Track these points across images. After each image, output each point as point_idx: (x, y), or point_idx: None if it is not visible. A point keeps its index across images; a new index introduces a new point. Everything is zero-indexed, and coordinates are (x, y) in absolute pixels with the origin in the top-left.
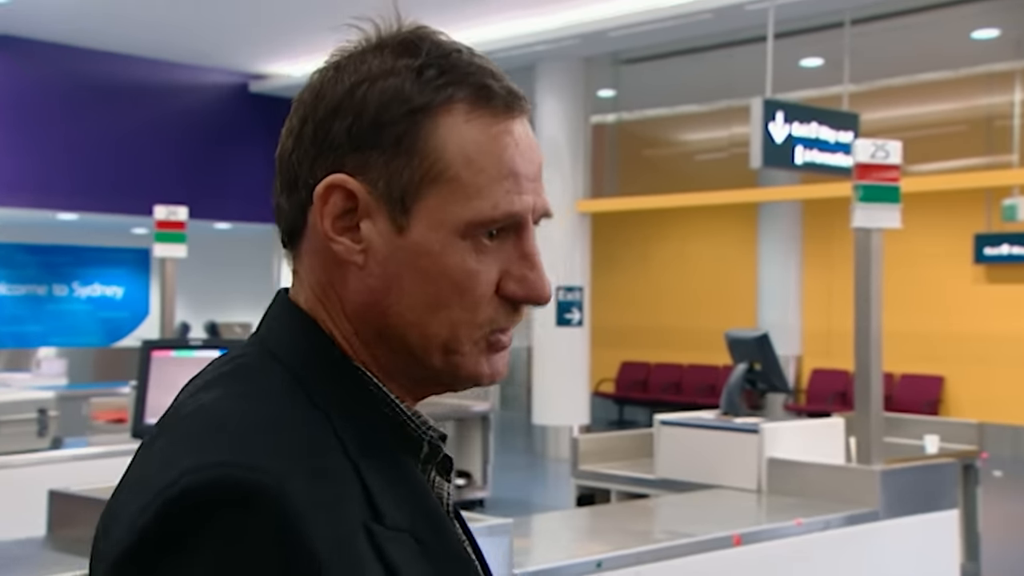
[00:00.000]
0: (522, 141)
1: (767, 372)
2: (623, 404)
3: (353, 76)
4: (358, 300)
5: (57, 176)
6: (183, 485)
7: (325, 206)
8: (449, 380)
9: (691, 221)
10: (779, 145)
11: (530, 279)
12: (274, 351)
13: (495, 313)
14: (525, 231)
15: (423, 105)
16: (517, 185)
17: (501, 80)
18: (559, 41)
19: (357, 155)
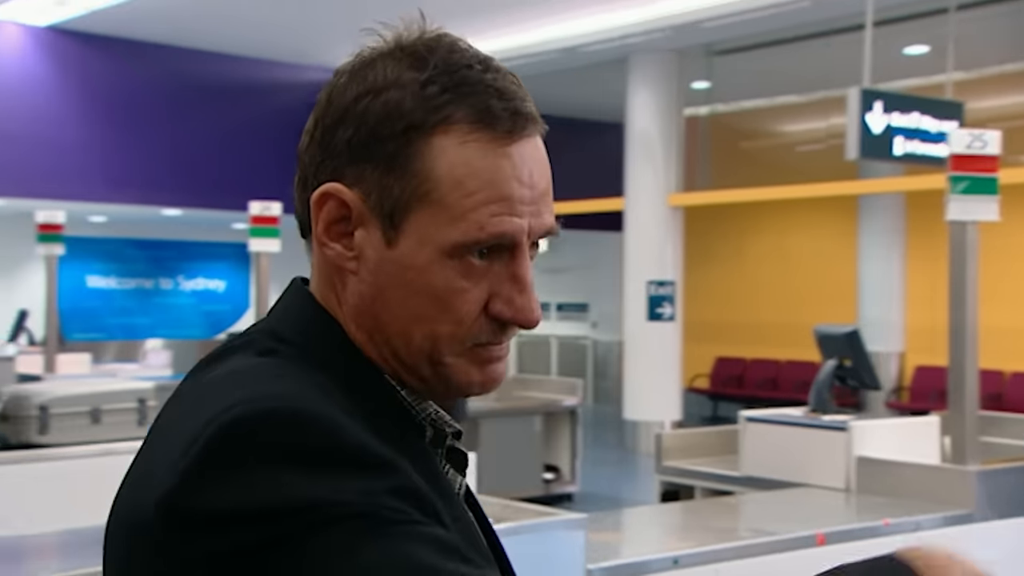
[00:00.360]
0: (522, 164)
1: (857, 368)
2: (718, 400)
3: (360, 85)
4: (352, 303)
5: (162, 173)
6: (237, 413)
7: (320, 212)
8: (440, 387)
9: (789, 214)
10: (877, 136)
11: (518, 302)
12: (280, 333)
13: (480, 330)
14: (518, 253)
15: (419, 123)
16: (509, 208)
17: (509, 100)
18: (651, 33)
19: (354, 166)
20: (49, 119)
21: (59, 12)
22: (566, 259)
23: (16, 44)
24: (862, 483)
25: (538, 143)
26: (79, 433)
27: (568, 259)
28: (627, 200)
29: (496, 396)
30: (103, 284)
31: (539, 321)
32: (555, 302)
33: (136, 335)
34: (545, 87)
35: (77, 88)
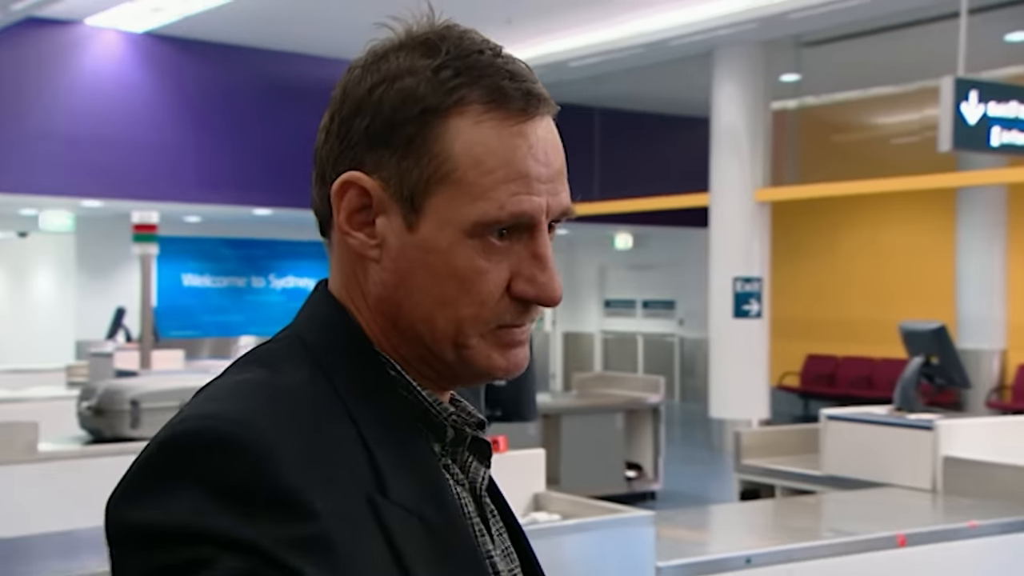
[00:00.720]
0: (537, 143)
1: (945, 366)
2: (808, 399)
3: (374, 76)
4: (375, 293)
5: (254, 174)
6: (175, 430)
7: (341, 201)
8: (464, 372)
9: (883, 208)
10: (972, 126)
11: (540, 280)
12: (303, 337)
13: (504, 311)
14: (537, 232)
15: (435, 106)
16: (527, 186)
17: (520, 81)
18: (738, 25)
19: (373, 153)
20: (145, 123)
21: (155, 19)
22: (652, 256)
23: (115, 51)
24: (949, 484)
25: (550, 123)
26: None
27: (654, 256)
28: (713, 195)
29: (578, 393)
30: (198, 283)
31: (561, 299)
32: (641, 299)
33: (229, 332)
34: (630, 82)
35: (172, 92)
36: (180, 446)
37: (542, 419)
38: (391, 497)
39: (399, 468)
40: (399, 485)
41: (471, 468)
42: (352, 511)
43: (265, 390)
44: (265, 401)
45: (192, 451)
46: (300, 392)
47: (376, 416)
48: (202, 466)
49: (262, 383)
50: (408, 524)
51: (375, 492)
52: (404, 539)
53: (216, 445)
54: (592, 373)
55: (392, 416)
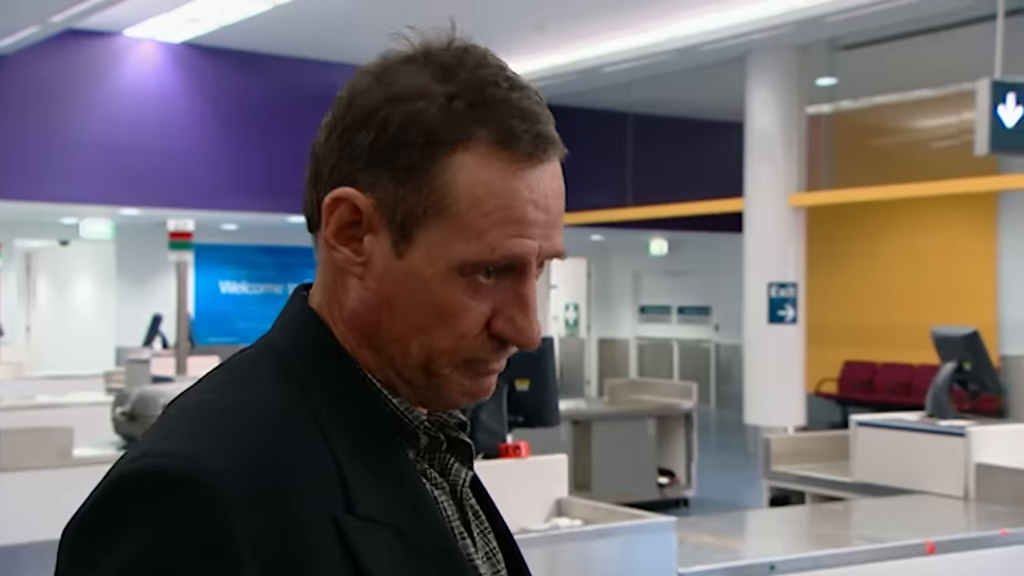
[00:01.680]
0: (538, 188)
1: (978, 372)
2: (846, 405)
3: (385, 90)
4: (352, 308)
5: (288, 181)
6: (127, 469)
7: (331, 215)
8: (432, 398)
9: (922, 212)
10: (1010, 129)
11: (519, 323)
12: (277, 346)
13: (480, 347)
14: (526, 273)
15: (442, 138)
16: (522, 231)
17: (532, 122)
18: (773, 29)
19: (371, 172)
20: (182, 132)
21: (192, 29)
22: (687, 262)
23: (152, 61)
24: (981, 491)
25: (556, 168)
26: None
27: (689, 262)
28: (747, 201)
29: (609, 399)
30: (235, 290)
31: (538, 343)
32: (676, 305)
33: None
34: (663, 88)
35: (208, 101)
36: (133, 486)
37: (573, 425)
38: (359, 513)
39: (371, 481)
40: (369, 499)
41: (452, 470)
42: (301, 533)
43: (225, 415)
44: (223, 431)
45: (144, 494)
46: (268, 412)
47: (349, 429)
48: (153, 511)
49: (230, 404)
50: (378, 538)
51: (341, 511)
52: (373, 555)
53: (169, 488)
54: (625, 379)
55: (365, 426)
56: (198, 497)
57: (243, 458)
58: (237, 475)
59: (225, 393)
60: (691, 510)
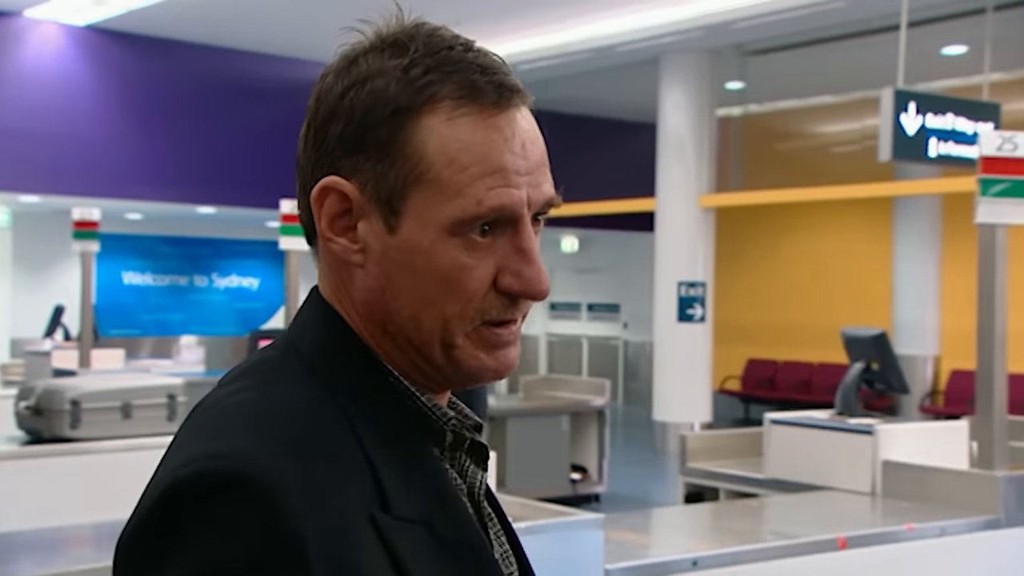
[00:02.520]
0: (513, 135)
1: (885, 372)
2: (749, 402)
3: (345, 80)
4: (361, 298)
5: (197, 171)
6: (181, 475)
7: (321, 208)
8: (454, 375)
9: (823, 216)
10: (911, 137)
11: (526, 274)
12: (297, 345)
13: (490, 306)
14: (520, 225)
15: (405, 106)
16: (505, 180)
17: (492, 74)
18: (684, 33)
19: (349, 159)
20: (86, 117)
21: (97, 12)
22: (597, 259)
23: (55, 43)
24: (888, 487)
25: (527, 114)
26: (110, 428)
27: (600, 259)
28: (658, 201)
29: (523, 396)
30: (139, 281)
31: (548, 292)
32: (586, 302)
33: (170, 331)
34: (577, 87)
35: (114, 87)
36: (191, 489)
37: (488, 421)
38: (393, 512)
39: (402, 479)
40: (402, 497)
41: (468, 472)
42: (347, 532)
43: (267, 414)
44: (269, 429)
45: (204, 496)
46: (301, 412)
47: (377, 426)
48: (214, 514)
49: (262, 405)
50: (412, 536)
51: (377, 509)
52: (408, 552)
53: (229, 489)
54: (539, 376)
55: (393, 424)
56: (259, 497)
57: (294, 458)
58: (293, 474)
59: (261, 394)
60: (602, 506)
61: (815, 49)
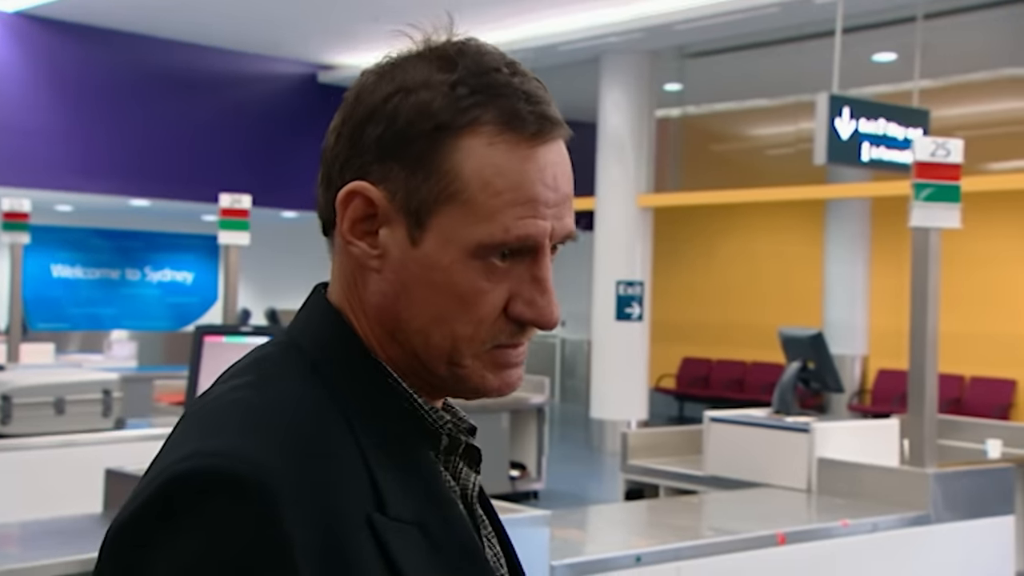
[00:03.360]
0: (547, 168)
1: (821, 371)
2: (684, 400)
3: (391, 85)
4: (373, 302)
5: (131, 163)
6: (178, 470)
7: (346, 210)
8: (456, 388)
9: (757, 217)
10: (845, 141)
11: (539, 304)
12: (299, 343)
13: (499, 331)
14: (540, 255)
15: (448, 123)
16: (534, 210)
17: (536, 104)
18: (625, 34)
19: (382, 164)
20: (16, 106)
21: None
22: None
23: None
24: (822, 484)
25: (562, 147)
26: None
27: None
28: (597, 200)
29: None
30: (68, 274)
31: (558, 322)
32: None
33: (101, 326)
34: None
35: (46, 75)
36: (187, 485)
37: None
38: (390, 514)
39: (398, 481)
40: (398, 499)
41: (462, 474)
42: (344, 534)
43: (267, 413)
44: (268, 428)
45: (200, 493)
46: (301, 412)
47: (375, 427)
48: (208, 512)
49: (263, 404)
50: (408, 537)
51: (373, 510)
52: (403, 553)
53: (224, 487)
54: None
55: (391, 426)
56: (253, 498)
57: (291, 456)
58: (288, 473)
59: (261, 391)
60: (540, 503)
61: (751, 53)
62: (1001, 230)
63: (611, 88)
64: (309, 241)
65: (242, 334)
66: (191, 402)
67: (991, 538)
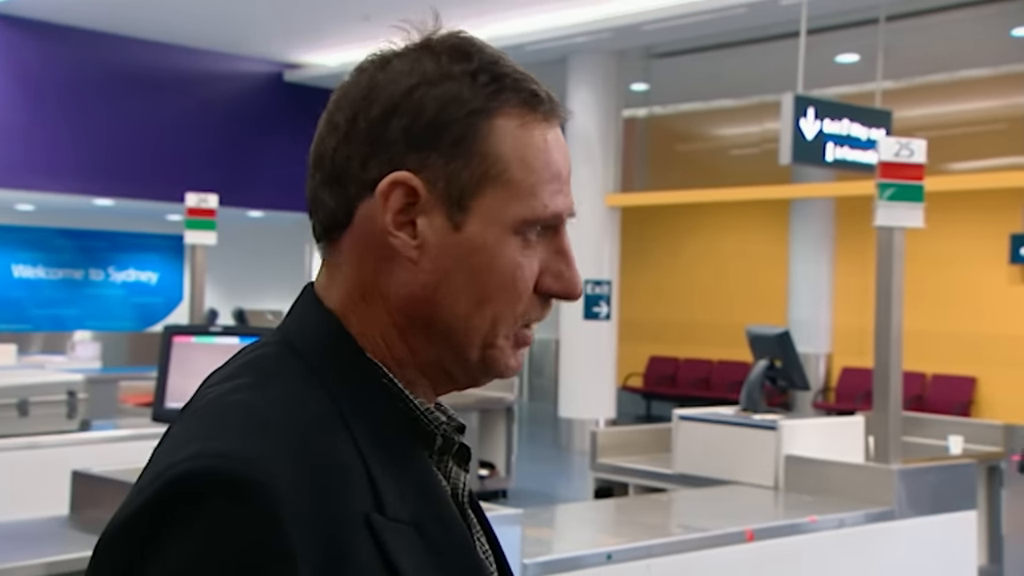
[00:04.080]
0: (561, 145)
1: (788, 369)
2: (651, 399)
3: (410, 78)
4: (405, 293)
5: (95, 162)
6: (180, 471)
7: (387, 201)
8: (479, 373)
9: (723, 217)
10: (809, 141)
11: (566, 275)
12: (294, 344)
13: (530, 307)
14: (562, 229)
15: (481, 109)
16: (561, 186)
17: (542, 87)
18: (592, 34)
19: (415, 154)
20: None
21: None
22: None
23: None
24: (790, 481)
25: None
26: (6, 425)
27: None
28: None
29: None
30: (30, 274)
31: (582, 293)
32: None
33: (63, 326)
34: None
35: (7, 73)
36: (189, 487)
37: None
38: (388, 514)
39: (395, 481)
40: (395, 500)
41: (452, 474)
42: (344, 536)
43: (268, 415)
44: (269, 430)
45: (202, 495)
46: (301, 414)
47: (373, 428)
48: (210, 513)
49: (263, 405)
50: (405, 538)
51: (372, 511)
52: (401, 553)
53: (227, 489)
54: None
55: (388, 427)
56: (258, 498)
57: (293, 459)
58: (290, 476)
59: (260, 393)
60: (510, 502)
61: (717, 53)
62: (961, 230)
63: (578, 88)
64: (275, 241)
65: (212, 334)
66: (187, 402)
67: (954, 533)
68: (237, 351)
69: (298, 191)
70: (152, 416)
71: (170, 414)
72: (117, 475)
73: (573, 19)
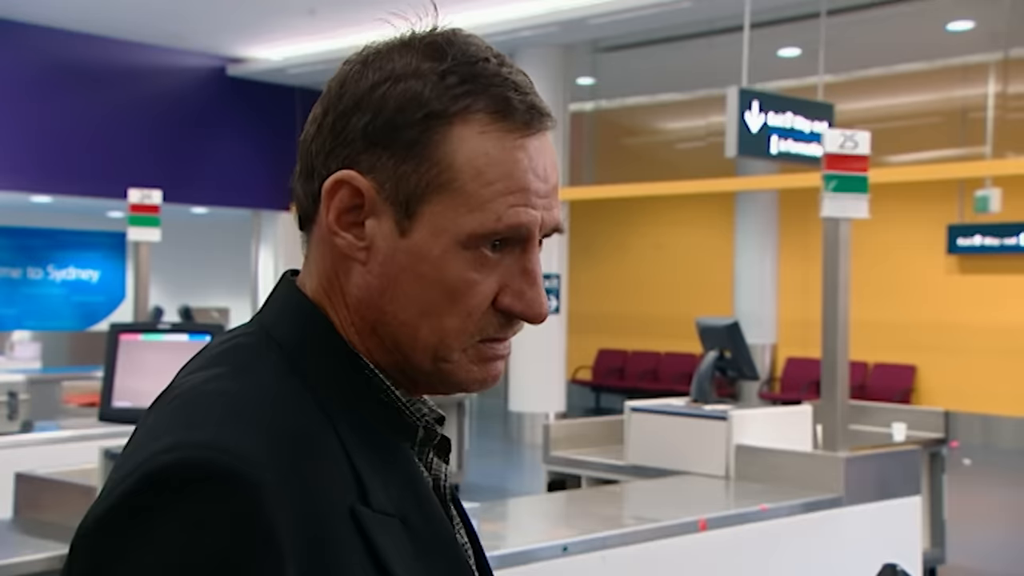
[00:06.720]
0: (536, 157)
1: (737, 360)
2: (600, 392)
3: (377, 73)
4: (356, 294)
5: (31, 158)
6: (159, 462)
7: (332, 200)
8: (438, 384)
9: (669, 210)
10: (754, 134)
11: (528, 295)
12: (272, 333)
13: (487, 324)
14: (529, 246)
15: (439, 112)
16: (526, 199)
17: (525, 94)
18: (539, 28)
19: (370, 153)
20: None
21: None
22: None
23: None
24: (741, 470)
25: (549, 138)
26: None
27: None
28: None
29: None
30: None
31: (546, 316)
32: None
33: (1, 326)
34: None
35: None
36: (170, 479)
37: None
38: (373, 506)
39: (379, 473)
40: (379, 491)
41: (433, 465)
42: (329, 528)
43: (248, 405)
44: (252, 421)
45: (183, 486)
46: (284, 403)
47: (354, 420)
48: (192, 505)
49: (243, 396)
50: (391, 530)
51: (357, 502)
52: (387, 545)
53: (208, 479)
54: None
55: (370, 419)
56: (240, 488)
57: (275, 449)
58: (273, 466)
59: (240, 382)
60: (462, 496)
61: (663, 47)
62: (899, 221)
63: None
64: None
65: (160, 331)
66: (161, 393)
67: (900, 518)
68: (208, 343)
69: (243, 187)
70: (99, 416)
71: (118, 413)
72: (61, 477)
73: (520, 13)
